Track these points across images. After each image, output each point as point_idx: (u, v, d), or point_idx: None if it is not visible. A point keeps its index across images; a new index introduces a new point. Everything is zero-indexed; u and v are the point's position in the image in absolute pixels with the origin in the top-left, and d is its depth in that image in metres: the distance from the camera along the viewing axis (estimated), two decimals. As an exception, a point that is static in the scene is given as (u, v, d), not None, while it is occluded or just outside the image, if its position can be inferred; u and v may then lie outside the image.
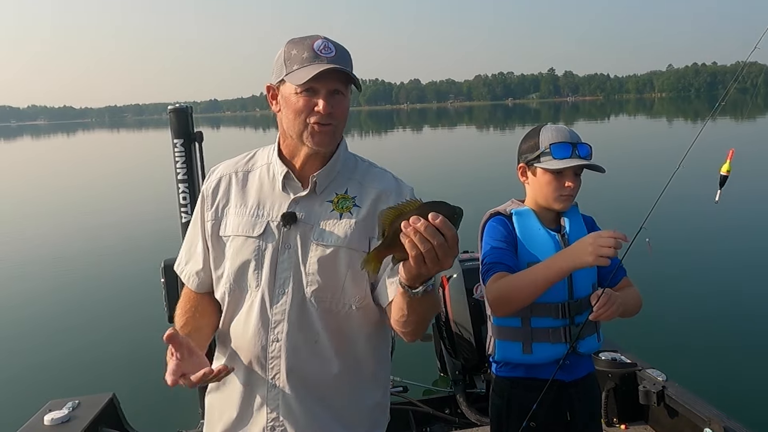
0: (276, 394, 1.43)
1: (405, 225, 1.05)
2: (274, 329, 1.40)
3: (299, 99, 1.36)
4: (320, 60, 1.35)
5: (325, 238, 1.41)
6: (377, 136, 45.79)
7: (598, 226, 1.95)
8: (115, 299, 7.04)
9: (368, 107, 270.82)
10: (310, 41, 1.37)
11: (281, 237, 1.41)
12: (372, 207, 1.45)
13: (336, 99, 1.38)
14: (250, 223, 1.43)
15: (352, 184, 1.48)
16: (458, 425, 3.20)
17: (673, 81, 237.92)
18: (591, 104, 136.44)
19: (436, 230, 1.04)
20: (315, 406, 1.45)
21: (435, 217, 1.04)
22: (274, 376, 1.42)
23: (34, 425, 2.71)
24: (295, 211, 1.42)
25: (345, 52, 1.40)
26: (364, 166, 1.54)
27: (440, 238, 1.05)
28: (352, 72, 1.38)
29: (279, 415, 1.43)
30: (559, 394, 1.80)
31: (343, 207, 1.44)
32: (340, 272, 1.40)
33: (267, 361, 1.42)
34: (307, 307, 1.40)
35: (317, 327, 1.41)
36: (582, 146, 1.81)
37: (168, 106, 2.92)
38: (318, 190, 1.44)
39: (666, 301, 5.89)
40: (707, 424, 2.57)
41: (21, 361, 5.42)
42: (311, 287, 1.40)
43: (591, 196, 9.01)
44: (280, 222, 1.41)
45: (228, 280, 1.46)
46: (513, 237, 1.82)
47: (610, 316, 1.67)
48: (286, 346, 1.40)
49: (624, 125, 44.31)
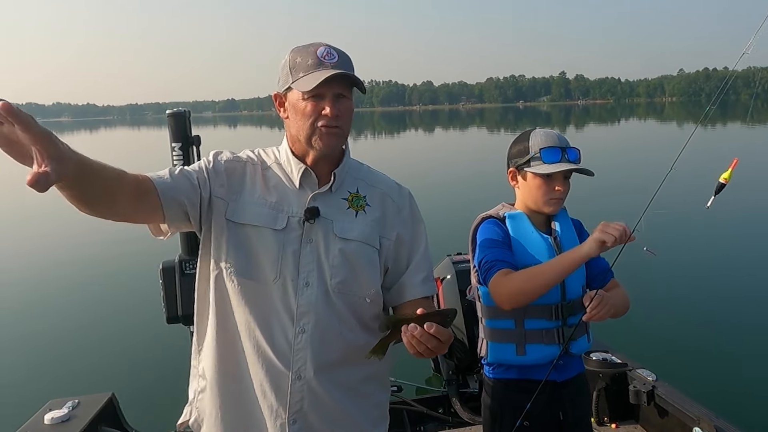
0: (302, 386, 1.42)
1: (404, 330, 1.21)
2: (300, 321, 1.41)
3: (307, 104, 1.40)
4: (324, 66, 1.39)
5: (345, 232, 1.46)
6: (389, 136, 46.34)
7: (586, 230, 1.98)
8: (115, 300, 7.06)
9: (381, 108, 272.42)
10: (314, 48, 1.42)
11: (304, 231, 1.44)
12: (380, 207, 1.53)
13: (341, 102, 1.42)
14: (271, 216, 1.44)
15: (360, 184, 1.54)
16: (451, 424, 3.24)
17: (684, 85, 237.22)
18: (601, 108, 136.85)
19: (431, 336, 1.19)
20: (343, 398, 1.48)
21: (430, 327, 1.18)
22: (299, 368, 1.42)
23: (34, 424, 2.73)
24: (317, 206, 1.46)
25: (347, 57, 1.45)
26: (365, 168, 1.61)
27: (435, 342, 1.20)
28: (355, 75, 1.42)
29: (304, 406, 1.43)
30: (551, 395, 1.83)
31: (358, 205, 1.50)
32: (359, 266, 1.46)
33: (292, 353, 1.42)
34: (331, 298, 1.44)
35: (341, 318, 1.45)
36: (571, 150, 1.84)
37: (186, 104, 2.93)
38: (334, 187, 1.49)
39: (656, 303, 5.95)
40: (696, 423, 2.61)
41: (21, 361, 5.45)
42: (335, 279, 1.43)
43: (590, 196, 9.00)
44: (302, 217, 1.44)
45: (239, 268, 1.43)
46: (508, 238, 1.84)
47: (603, 317, 1.70)
48: (313, 337, 1.42)
49: (634, 128, 44.38)
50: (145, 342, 5.45)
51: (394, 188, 1.59)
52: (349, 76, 1.40)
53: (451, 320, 1.23)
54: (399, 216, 1.55)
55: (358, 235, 1.47)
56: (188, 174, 1.44)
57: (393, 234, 1.52)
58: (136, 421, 3.19)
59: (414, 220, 1.58)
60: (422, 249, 1.56)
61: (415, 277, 1.53)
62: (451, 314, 1.24)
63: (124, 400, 3.18)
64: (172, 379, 3.59)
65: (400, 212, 1.55)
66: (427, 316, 1.21)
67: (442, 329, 1.19)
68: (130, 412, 3.20)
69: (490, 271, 1.76)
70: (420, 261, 1.55)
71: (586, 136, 32.48)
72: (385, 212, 1.53)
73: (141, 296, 6.30)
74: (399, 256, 1.53)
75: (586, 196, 10.56)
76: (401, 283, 1.52)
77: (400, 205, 1.56)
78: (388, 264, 1.52)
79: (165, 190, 1.37)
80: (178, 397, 1.83)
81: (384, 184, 1.58)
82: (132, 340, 5.64)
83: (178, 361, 1.78)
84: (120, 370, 5.01)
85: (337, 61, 1.41)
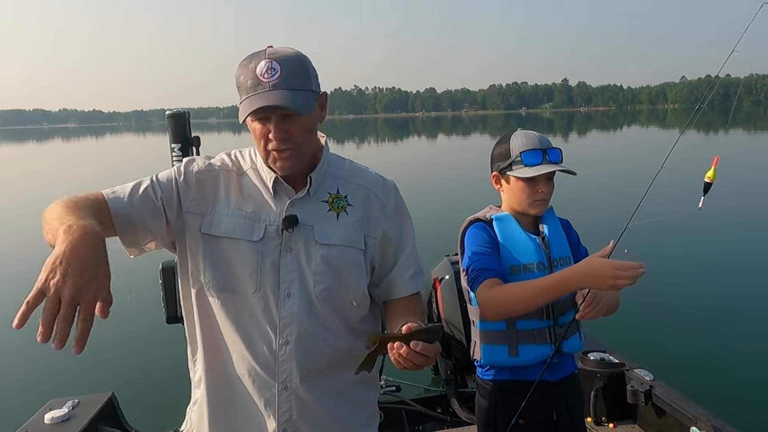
0: (288, 396, 1.40)
1: (390, 347, 1.20)
2: (283, 332, 1.38)
3: (256, 126, 1.33)
4: (262, 87, 1.28)
5: (326, 237, 1.40)
6: (393, 142, 46.55)
7: (574, 228, 2.00)
8: (114, 300, 7.07)
9: (384, 115, 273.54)
10: (254, 65, 1.30)
11: (283, 240, 1.39)
12: (363, 205, 1.47)
13: (289, 122, 1.32)
14: (248, 226, 1.39)
15: (341, 182, 1.48)
16: (450, 424, 3.25)
17: (686, 92, 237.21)
18: (604, 115, 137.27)
19: (417, 354, 1.17)
20: (332, 404, 1.45)
21: (416, 345, 1.18)
22: (285, 378, 1.39)
23: (34, 424, 2.74)
24: (294, 213, 1.40)
25: (293, 68, 1.31)
26: (346, 164, 1.54)
27: (421, 359, 1.18)
28: (297, 93, 1.29)
29: (293, 416, 1.41)
30: (545, 394, 1.83)
31: (339, 206, 1.44)
32: (343, 270, 1.41)
33: (277, 365, 1.39)
34: (315, 306, 1.40)
35: (326, 325, 1.41)
36: (552, 151, 1.84)
37: (190, 110, 2.94)
38: (312, 191, 1.43)
39: (654, 303, 5.97)
40: (694, 422, 2.61)
41: (22, 361, 5.45)
42: (319, 286, 1.39)
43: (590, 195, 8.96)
44: (280, 226, 1.38)
45: (218, 282, 1.39)
46: (495, 242, 1.84)
47: (596, 316, 1.71)
48: (297, 348, 1.38)
49: (635, 135, 44.46)
50: (145, 342, 5.47)
51: (377, 183, 1.52)
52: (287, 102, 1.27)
53: (437, 338, 1.22)
54: (383, 212, 1.49)
55: (341, 238, 1.41)
56: (152, 194, 1.39)
57: (378, 232, 1.47)
58: (136, 421, 3.20)
59: (399, 215, 1.52)
60: (410, 244, 1.52)
61: (403, 273, 1.49)
62: (438, 332, 1.23)
63: (124, 400, 3.18)
64: (171, 378, 3.61)
65: (384, 208, 1.49)
66: (414, 334, 1.20)
67: (429, 346, 1.18)
68: (130, 411, 3.20)
69: (477, 280, 1.76)
70: (408, 257, 1.51)
71: (588, 142, 32.51)
72: (369, 210, 1.47)
73: (141, 296, 6.31)
74: (386, 253, 1.49)
75: (584, 196, 10.61)
76: (390, 280, 1.49)
77: (384, 200, 1.50)
78: (374, 262, 1.48)
79: (118, 210, 1.33)
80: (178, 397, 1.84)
81: (367, 179, 1.51)
82: (132, 340, 5.65)
83: (178, 361, 1.79)
84: (120, 370, 5.03)
85: (278, 78, 1.28)
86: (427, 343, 1.19)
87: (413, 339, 1.19)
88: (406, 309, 1.44)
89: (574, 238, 1.98)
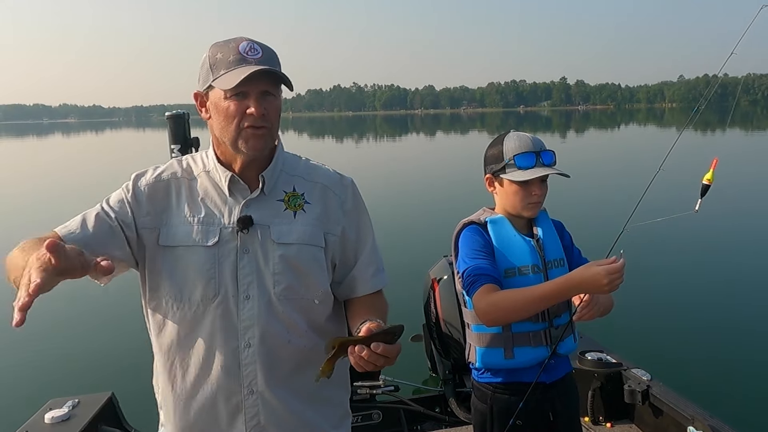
0: (255, 400, 1.40)
1: (351, 350, 1.19)
2: (245, 335, 1.37)
3: (230, 104, 1.32)
4: (248, 62, 1.31)
5: (284, 236, 1.39)
6: (391, 139, 46.54)
7: (567, 230, 2.00)
8: (114, 300, 7.09)
9: (383, 112, 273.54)
10: (235, 43, 1.33)
11: (239, 242, 1.37)
12: (322, 203, 1.46)
13: (268, 101, 1.34)
14: (202, 232, 1.37)
15: (297, 180, 1.47)
16: (448, 423, 3.26)
17: (684, 92, 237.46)
18: (602, 113, 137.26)
19: (378, 356, 1.17)
20: (301, 405, 1.44)
21: (377, 347, 1.17)
22: (250, 382, 1.39)
23: (34, 423, 2.75)
24: (249, 213, 1.39)
25: (272, 52, 1.37)
26: (303, 162, 1.53)
27: (382, 360, 1.18)
28: (281, 71, 1.34)
29: (261, 421, 1.40)
30: (541, 396, 1.84)
31: (295, 205, 1.43)
32: (303, 269, 1.40)
33: (240, 369, 1.38)
34: (275, 307, 1.38)
35: (288, 326, 1.40)
36: (545, 153, 1.83)
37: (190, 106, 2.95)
38: (267, 190, 1.42)
39: (651, 303, 6.00)
40: (691, 422, 2.63)
41: (22, 361, 5.47)
42: (279, 287, 1.38)
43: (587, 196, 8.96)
44: (235, 227, 1.37)
45: (176, 293, 1.38)
46: (490, 245, 1.84)
47: (592, 317, 1.72)
48: (261, 349, 1.38)
49: (633, 134, 44.47)
50: (145, 342, 5.44)
51: (335, 180, 1.51)
52: (275, 73, 1.32)
53: (398, 337, 1.21)
54: (342, 209, 1.48)
55: (299, 237, 1.40)
56: (105, 218, 1.37)
57: (338, 229, 1.46)
58: (136, 420, 3.20)
59: (358, 212, 1.52)
60: (370, 241, 1.52)
61: (365, 271, 1.49)
62: (398, 332, 1.22)
63: (123, 400, 3.19)
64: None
65: (342, 205, 1.49)
66: (374, 336, 1.20)
67: (389, 347, 1.17)
68: (129, 411, 3.21)
69: (473, 286, 1.75)
70: (369, 254, 1.51)
71: (586, 141, 32.48)
72: (327, 207, 1.46)
73: (140, 296, 6.32)
74: (346, 250, 1.48)
75: (581, 197, 10.60)
76: (352, 277, 1.49)
77: (342, 197, 1.49)
78: (335, 260, 1.47)
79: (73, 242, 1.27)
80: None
81: (324, 177, 1.50)
82: (132, 340, 5.65)
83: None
84: (120, 370, 5.02)
85: (261, 57, 1.33)
86: (388, 344, 1.18)
87: (373, 341, 1.18)
88: (368, 307, 1.44)
89: (568, 240, 1.98)
